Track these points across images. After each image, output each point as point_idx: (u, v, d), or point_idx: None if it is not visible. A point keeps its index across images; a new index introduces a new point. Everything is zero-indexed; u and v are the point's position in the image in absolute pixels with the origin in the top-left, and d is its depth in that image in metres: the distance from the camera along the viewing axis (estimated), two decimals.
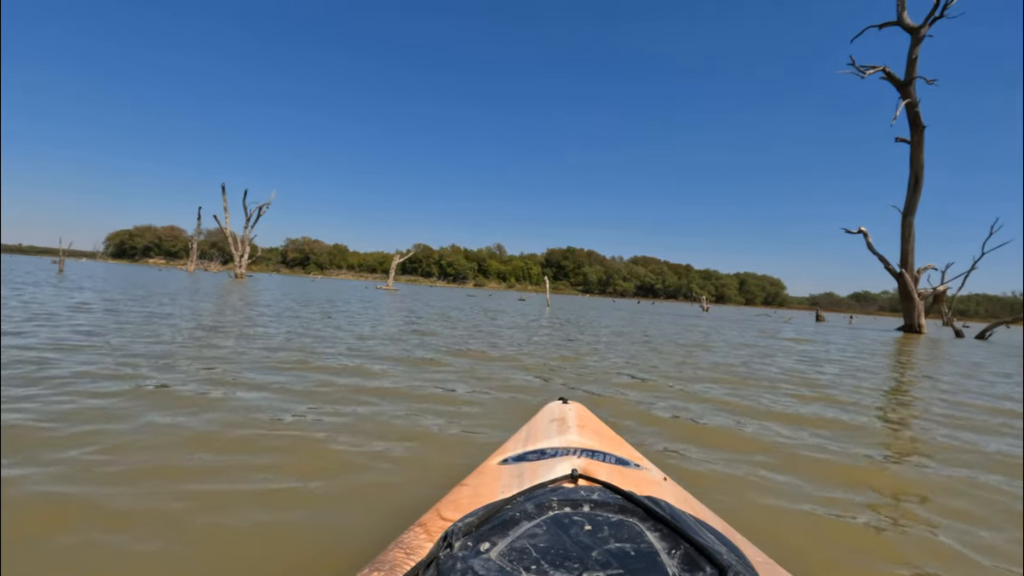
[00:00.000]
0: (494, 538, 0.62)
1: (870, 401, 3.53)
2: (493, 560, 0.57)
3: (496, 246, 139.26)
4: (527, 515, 0.66)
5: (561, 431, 1.14)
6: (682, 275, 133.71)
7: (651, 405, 2.89)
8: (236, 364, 3.27)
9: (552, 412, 1.30)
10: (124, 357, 3.21)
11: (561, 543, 0.60)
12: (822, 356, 6.88)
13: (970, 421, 3.06)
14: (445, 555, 0.58)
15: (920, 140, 16.73)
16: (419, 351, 4.45)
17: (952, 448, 2.40)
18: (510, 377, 3.51)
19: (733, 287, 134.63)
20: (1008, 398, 4.07)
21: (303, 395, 2.59)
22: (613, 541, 0.60)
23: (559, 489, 0.75)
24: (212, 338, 4.36)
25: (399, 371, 3.44)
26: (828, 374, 4.89)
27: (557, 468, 0.87)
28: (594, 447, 1.03)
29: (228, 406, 2.27)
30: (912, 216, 17.44)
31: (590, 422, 1.24)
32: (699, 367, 4.74)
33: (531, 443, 1.11)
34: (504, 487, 0.87)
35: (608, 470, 0.89)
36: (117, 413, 2.06)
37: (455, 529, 0.63)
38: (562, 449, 1.01)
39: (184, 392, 2.46)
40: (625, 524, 0.64)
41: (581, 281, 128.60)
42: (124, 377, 2.68)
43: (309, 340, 4.69)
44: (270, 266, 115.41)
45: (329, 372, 3.23)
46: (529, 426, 1.27)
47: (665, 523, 0.64)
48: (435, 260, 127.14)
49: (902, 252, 17.79)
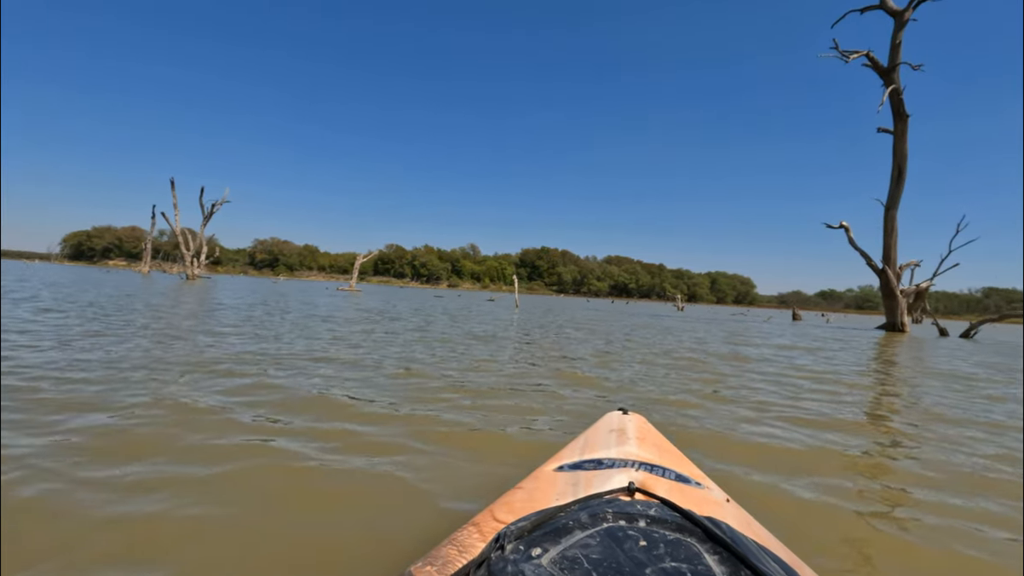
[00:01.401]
0: (546, 544, 0.61)
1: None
2: (544, 567, 0.57)
3: (470, 246, 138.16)
4: (581, 524, 0.66)
5: (620, 442, 1.10)
6: (655, 274, 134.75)
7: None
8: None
9: (611, 422, 1.27)
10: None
11: (614, 556, 0.58)
12: (843, 368, 5.62)
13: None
14: (497, 556, 0.59)
15: (904, 130, 15.97)
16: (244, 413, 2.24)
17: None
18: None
19: (705, 286, 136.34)
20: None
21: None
22: (669, 560, 0.58)
23: (615, 501, 0.73)
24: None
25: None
26: (899, 403, 3.58)
27: (614, 479, 0.85)
28: (653, 461, 0.99)
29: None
30: (895, 210, 16.69)
31: (650, 435, 1.20)
32: (743, 398, 3.35)
33: (588, 452, 1.07)
34: (559, 494, 0.85)
35: (667, 486, 0.86)
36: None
37: (508, 532, 0.63)
38: (620, 460, 0.97)
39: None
40: (682, 544, 0.62)
41: (555, 281, 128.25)
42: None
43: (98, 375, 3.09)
44: (237, 267, 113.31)
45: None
46: (587, 435, 1.23)
47: (725, 547, 0.61)
48: (408, 260, 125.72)
49: (884, 247, 17.02)
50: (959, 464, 2.14)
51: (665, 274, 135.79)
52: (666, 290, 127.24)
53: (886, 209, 16.87)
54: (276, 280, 55.88)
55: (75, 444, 1.73)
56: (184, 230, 35.16)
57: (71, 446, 1.71)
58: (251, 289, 20.06)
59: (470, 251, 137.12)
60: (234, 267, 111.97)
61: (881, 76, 15.99)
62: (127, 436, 1.85)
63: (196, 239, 35.19)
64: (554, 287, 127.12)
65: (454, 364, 3.98)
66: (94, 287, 12.59)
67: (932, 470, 2.03)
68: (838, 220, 17.59)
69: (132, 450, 1.72)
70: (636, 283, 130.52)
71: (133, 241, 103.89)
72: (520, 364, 4.23)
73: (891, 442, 2.44)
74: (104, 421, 2.00)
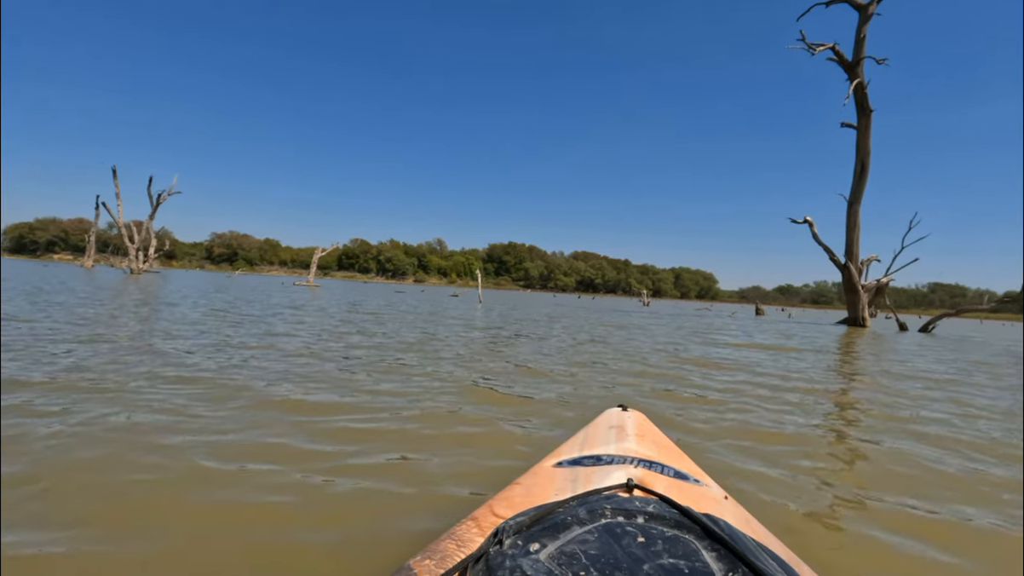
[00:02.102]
0: (544, 540, 0.61)
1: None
2: (542, 562, 0.57)
3: (437, 241, 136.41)
4: (579, 520, 0.65)
5: (619, 438, 1.09)
6: (621, 270, 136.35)
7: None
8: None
9: (610, 419, 1.26)
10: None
11: (612, 552, 0.58)
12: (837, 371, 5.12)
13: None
14: (495, 551, 0.59)
15: (867, 125, 16.01)
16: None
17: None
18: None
19: (669, 281, 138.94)
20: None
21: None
22: (667, 556, 0.58)
23: (613, 497, 0.73)
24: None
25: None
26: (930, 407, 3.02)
27: (612, 476, 0.85)
28: (652, 458, 0.99)
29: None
30: (858, 205, 16.78)
31: (649, 432, 1.20)
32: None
33: (587, 448, 1.07)
34: (558, 490, 0.85)
35: (666, 483, 0.86)
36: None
37: (506, 527, 0.63)
38: (619, 457, 0.97)
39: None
40: (680, 540, 0.62)
41: (523, 276, 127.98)
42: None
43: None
44: (194, 262, 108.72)
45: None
46: (586, 431, 1.22)
47: (723, 543, 0.61)
48: (373, 255, 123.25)
49: (847, 242, 17.12)
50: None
51: (631, 270, 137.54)
52: (632, 285, 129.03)
53: (849, 204, 16.95)
54: (231, 275, 53.13)
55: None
56: (130, 223, 32.68)
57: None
58: (199, 285, 18.49)
59: (437, 246, 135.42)
60: (191, 262, 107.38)
61: (846, 70, 15.97)
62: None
63: (142, 231, 32.76)
64: (521, 282, 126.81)
65: (364, 374, 3.19)
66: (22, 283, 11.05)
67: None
68: (799, 216, 17.60)
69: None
70: (602, 278, 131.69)
71: (80, 234, 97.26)
72: (446, 392, 3.47)
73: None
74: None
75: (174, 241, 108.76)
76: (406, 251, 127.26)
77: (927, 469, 2.02)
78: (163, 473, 1.54)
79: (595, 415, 1.40)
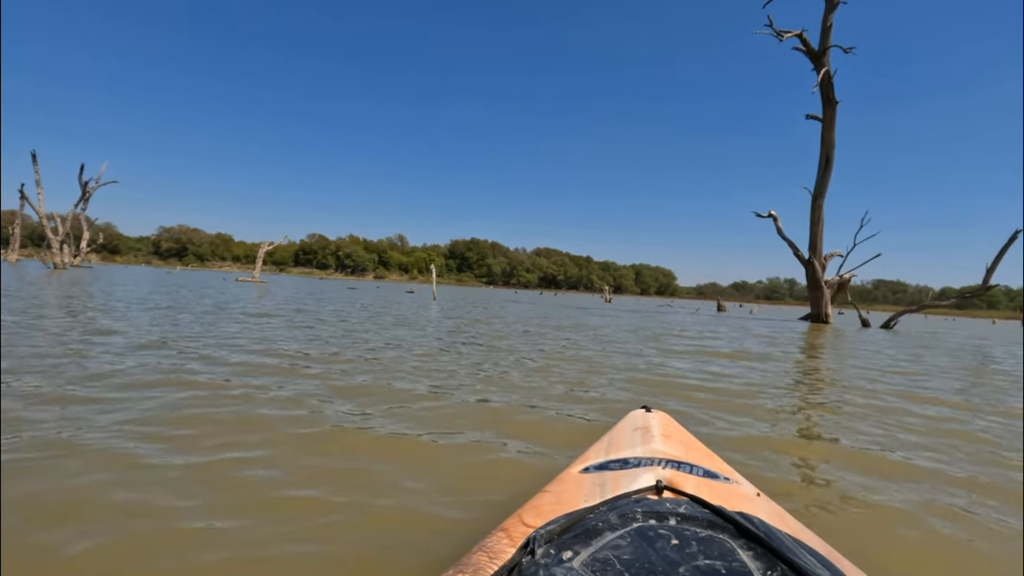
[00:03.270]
0: (577, 547, 0.60)
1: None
2: (576, 569, 0.56)
3: (398, 237, 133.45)
4: (610, 525, 0.65)
5: (645, 440, 1.09)
6: (582, 266, 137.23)
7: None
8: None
9: (635, 420, 1.25)
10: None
11: (646, 556, 0.57)
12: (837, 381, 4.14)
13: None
14: (528, 561, 0.58)
15: (832, 117, 15.60)
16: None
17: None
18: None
19: (629, 278, 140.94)
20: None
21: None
22: (702, 558, 0.57)
23: (643, 500, 0.72)
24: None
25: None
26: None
27: (641, 478, 0.84)
28: (680, 458, 0.97)
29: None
30: (822, 199, 16.41)
31: (675, 431, 1.18)
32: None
33: (613, 452, 1.06)
34: (587, 496, 0.84)
35: (695, 483, 0.84)
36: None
37: (537, 536, 0.63)
38: (646, 459, 0.96)
39: None
40: (715, 540, 0.61)
41: (485, 272, 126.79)
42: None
43: None
44: (140, 257, 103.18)
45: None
46: (611, 434, 1.20)
47: (759, 542, 0.60)
48: (332, 251, 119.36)
49: (811, 237, 16.75)
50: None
51: (592, 266, 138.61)
52: (593, 282, 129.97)
53: (813, 198, 16.56)
54: (171, 270, 49.38)
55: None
56: (54, 213, 29.26)
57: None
58: (126, 281, 16.19)
59: (398, 242, 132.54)
60: (136, 256, 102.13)
61: (812, 60, 15.48)
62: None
63: (66, 223, 29.41)
64: (484, 279, 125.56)
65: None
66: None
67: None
68: (764, 210, 17.12)
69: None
70: (564, 275, 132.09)
71: (6, 226, 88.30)
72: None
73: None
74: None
75: (117, 235, 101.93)
76: (366, 247, 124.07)
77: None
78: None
79: (618, 418, 1.37)
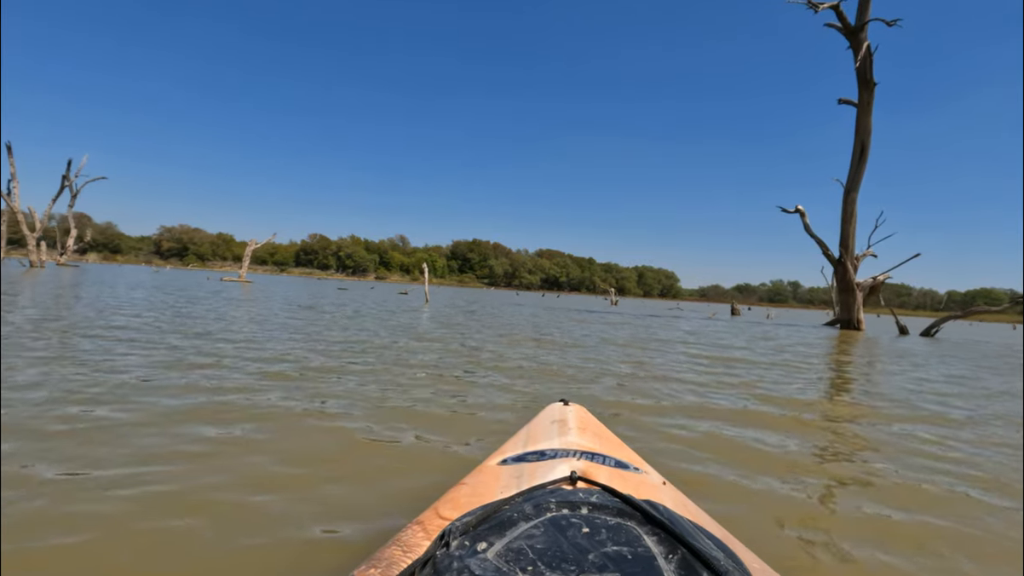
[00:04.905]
0: (491, 538, 0.61)
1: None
2: (490, 560, 0.56)
3: (399, 237, 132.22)
4: (525, 516, 0.66)
5: (561, 432, 1.11)
6: (585, 268, 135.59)
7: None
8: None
9: (553, 413, 1.27)
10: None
11: (558, 545, 0.59)
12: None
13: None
14: (442, 554, 0.58)
15: (870, 100, 14.02)
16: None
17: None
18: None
19: (632, 280, 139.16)
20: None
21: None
22: (610, 544, 0.59)
23: (558, 491, 0.74)
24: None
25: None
26: None
27: (556, 470, 0.85)
28: (594, 449, 1.00)
29: None
30: (855, 192, 14.83)
31: (591, 424, 1.22)
32: None
33: (531, 444, 1.08)
34: (503, 487, 0.85)
35: (608, 473, 0.87)
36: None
37: (453, 528, 0.63)
38: (562, 451, 0.98)
39: None
40: (623, 527, 0.63)
41: (487, 274, 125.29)
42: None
43: None
44: (141, 257, 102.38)
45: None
46: (529, 427, 1.23)
47: (663, 527, 0.63)
48: (333, 251, 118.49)
49: (842, 235, 15.17)
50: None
51: (595, 268, 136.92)
52: (596, 283, 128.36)
53: (845, 192, 14.99)
54: (157, 270, 48.08)
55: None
56: (32, 209, 27.80)
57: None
58: (106, 280, 14.68)
59: (399, 242, 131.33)
60: (137, 256, 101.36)
61: (847, 36, 13.92)
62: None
63: (43, 219, 27.94)
64: (486, 280, 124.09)
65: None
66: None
67: None
68: (784, 207, 15.57)
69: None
70: (567, 276, 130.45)
71: (16, 225, 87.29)
72: None
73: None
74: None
75: (119, 234, 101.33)
76: (367, 247, 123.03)
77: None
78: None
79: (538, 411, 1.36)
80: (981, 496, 1.74)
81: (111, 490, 1.35)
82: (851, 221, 14.93)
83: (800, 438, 2.36)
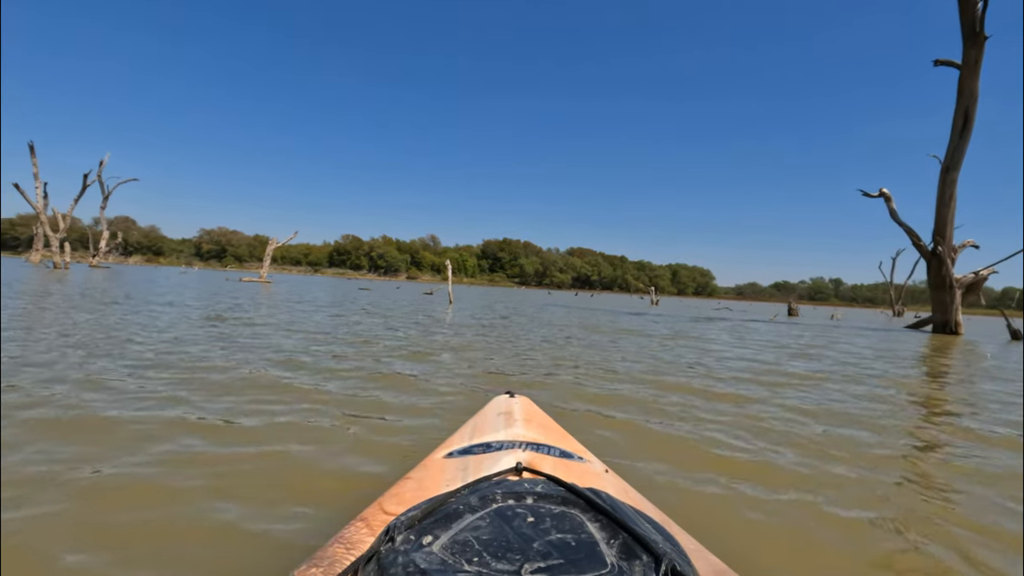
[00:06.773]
0: (437, 531, 0.61)
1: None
2: (435, 553, 0.56)
3: (430, 237, 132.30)
4: (471, 508, 0.66)
5: (507, 424, 1.11)
6: (617, 266, 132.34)
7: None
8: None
9: (499, 405, 1.26)
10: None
11: (504, 535, 0.60)
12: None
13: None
14: (386, 549, 0.58)
15: (978, 59, 11.62)
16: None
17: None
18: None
19: (666, 278, 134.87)
20: None
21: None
22: (555, 532, 0.60)
23: (503, 482, 0.74)
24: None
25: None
26: None
27: (502, 461, 0.86)
28: (539, 440, 1.01)
29: None
30: (956, 171, 12.41)
31: (536, 416, 1.22)
32: None
33: (477, 436, 1.08)
34: (449, 480, 0.84)
35: (552, 463, 0.88)
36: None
37: (397, 523, 0.63)
38: (508, 442, 0.98)
39: None
40: (567, 515, 0.64)
41: (518, 273, 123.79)
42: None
43: None
44: (182, 259, 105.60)
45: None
46: (475, 419, 1.23)
47: (605, 514, 0.64)
48: (365, 252, 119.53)
49: (937, 221, 12.78)
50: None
51: (627, 266, 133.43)
52: (628, 282, 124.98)
53: (943, 170, 12.60)
54: (184, 271, 48.54)
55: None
56: (55, 210, 27.94)
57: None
58: (132, 281, 13.92)
59: (430, 242, 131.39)
60: (179, 258, 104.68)
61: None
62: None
63: (66, 220, 28.06)
64: (516, 279, 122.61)
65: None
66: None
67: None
68: (866, 191, 13.33)
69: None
70: (598, 275, 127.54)
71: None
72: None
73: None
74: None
75: (162, 237, 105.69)
76: (399, 247, 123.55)
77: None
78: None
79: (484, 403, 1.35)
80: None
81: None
82: (950, 205, 12.55)
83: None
